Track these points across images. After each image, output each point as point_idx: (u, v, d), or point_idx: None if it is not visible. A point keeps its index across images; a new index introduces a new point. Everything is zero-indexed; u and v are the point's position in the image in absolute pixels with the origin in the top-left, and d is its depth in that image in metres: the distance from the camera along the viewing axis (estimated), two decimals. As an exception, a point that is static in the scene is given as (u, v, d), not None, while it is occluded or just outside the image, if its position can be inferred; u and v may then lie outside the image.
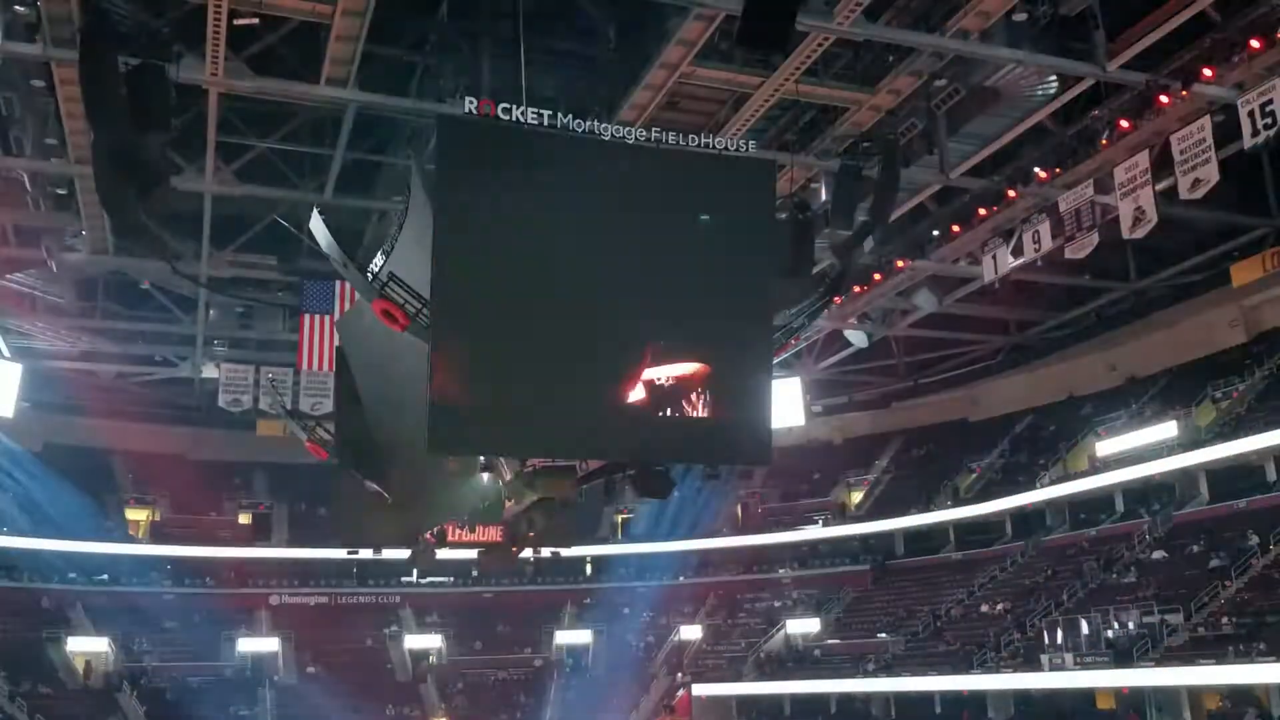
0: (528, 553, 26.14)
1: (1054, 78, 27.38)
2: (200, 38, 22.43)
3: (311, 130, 30.80)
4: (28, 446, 48.27)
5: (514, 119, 17.34)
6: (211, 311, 39.87)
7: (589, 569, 57.11)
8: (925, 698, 40.34)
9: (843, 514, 55.80)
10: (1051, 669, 34.02)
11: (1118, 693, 32.85)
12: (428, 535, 25.71)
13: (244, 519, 55.25)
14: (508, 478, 20.59)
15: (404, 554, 26.82)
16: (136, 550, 51.36)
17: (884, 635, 45.43)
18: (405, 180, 21.36)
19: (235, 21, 22.78)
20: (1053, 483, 44.73)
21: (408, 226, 17.97)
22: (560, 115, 17.76)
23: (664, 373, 17.29)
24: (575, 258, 17.33)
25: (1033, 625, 37.60)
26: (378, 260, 18.26)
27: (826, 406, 53.47)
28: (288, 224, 33.65)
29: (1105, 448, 42.49)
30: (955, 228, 34.03)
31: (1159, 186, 27.09)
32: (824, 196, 29.71)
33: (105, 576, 49.55)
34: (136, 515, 53.88)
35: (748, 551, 55.95)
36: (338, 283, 32.69)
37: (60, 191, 30.59)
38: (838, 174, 27.62)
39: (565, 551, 27.55)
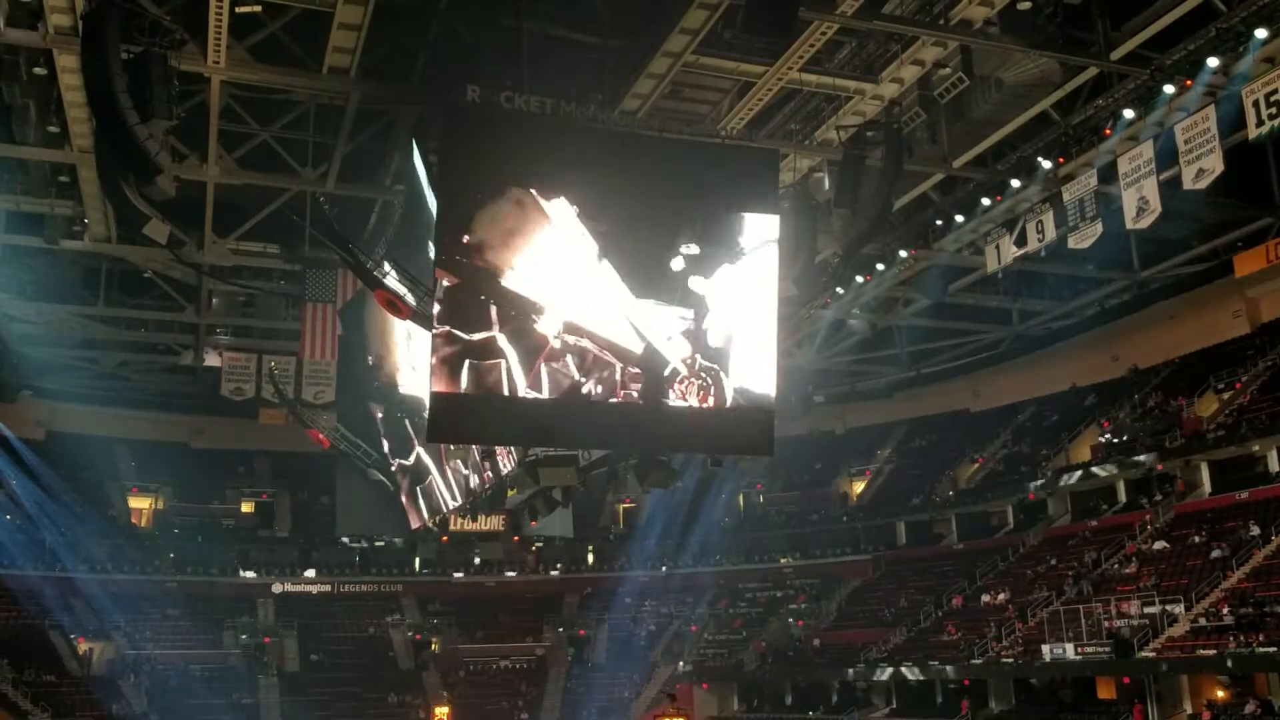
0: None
1: (1058, 67, 27.28)
2: (202, 26, 22.38)
3: (315, 118, 30.70)
4: (30, 435, 48.38)
5: (516, 107, 17.36)
6: (214, 300, 39.87)
7: (591, 557, 57.31)
8: (926, 687, 40.39)
9: (845, 503, 55.84)
10: (1052, 659, 34.05)
11: (1119, 682, 32.88)
12: (430, 523, 25.82)
13: (246, 507, 55.36)
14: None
15: (406, 542, 26.92)
16: (139, 538, 51.50)
17: (885, 624, 45.45)
18: (408, 169, 21.33)
19: (237, 9, 22.74)
20: (1055, 473, 44.73)
21: (409, 215, 18.03)
22: (563, 104, 17.77)
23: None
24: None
25: (1034, 615, 37.63)
26: (380, 249, 18.30)
27: (829, 396, 53.39)
28: (291, 212, 33.58)
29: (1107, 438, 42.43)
30: (958, 217, 33.96)
31: (1162, 176, 26.99)
32: (827, 186, 29.56)
33: (109, 564, 49.62)
34: (139, 503, 54.02)
35: (749, 540, 56.05)
36: (340, 271, 32.65)
37: (62, 179, 30.56)
38: (841, 163, 27.61)
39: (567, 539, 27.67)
